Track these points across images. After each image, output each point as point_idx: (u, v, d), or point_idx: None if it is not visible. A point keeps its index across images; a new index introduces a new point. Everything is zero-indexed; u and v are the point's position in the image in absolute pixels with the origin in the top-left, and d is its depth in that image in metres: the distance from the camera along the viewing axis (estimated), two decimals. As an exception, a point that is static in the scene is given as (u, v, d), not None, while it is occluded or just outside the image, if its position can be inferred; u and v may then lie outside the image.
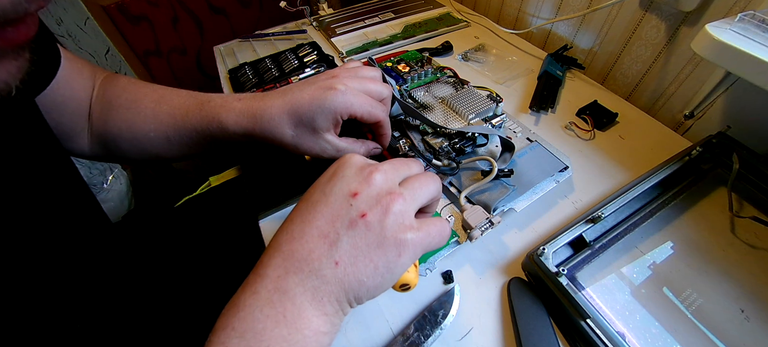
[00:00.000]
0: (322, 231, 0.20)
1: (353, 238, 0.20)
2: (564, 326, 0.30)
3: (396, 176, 0.23)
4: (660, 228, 0.35)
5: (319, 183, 0.23)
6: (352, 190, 0.21)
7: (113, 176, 0.83)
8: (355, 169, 0.23)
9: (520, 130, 0.44)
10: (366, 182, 0.22)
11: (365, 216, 0.20)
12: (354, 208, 0.21)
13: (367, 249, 0.20)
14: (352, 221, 0.20)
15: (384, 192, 0.22)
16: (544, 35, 0.65)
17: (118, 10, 0.81)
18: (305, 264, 0.20)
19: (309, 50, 0.60)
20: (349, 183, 0.22)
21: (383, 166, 0.23)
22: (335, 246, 0.20)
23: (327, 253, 0.20)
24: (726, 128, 0.41)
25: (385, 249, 0.21)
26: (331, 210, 0.21)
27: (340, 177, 0.22)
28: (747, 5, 0.38)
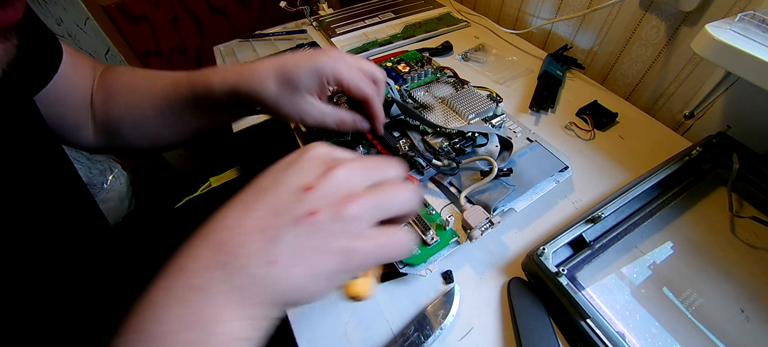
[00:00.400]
0: (262, 223, 0.18)
1: (296, 238, 0.17)
2: (564, 326, 0.30)
3: (364, 177, 0.20)
4: (660, 228, 0.35)
5: (274, 168, 0.20)
6: (306, 183, 0.19)
7: (113, 176, 0.83)
8: (318, 160, 0.20)
9: (520, 130, 0.44)
10: (325, 177, 0.19)
11: (314, 214, 0.18)
12: (304, 204, 0.18)
13: (310, 253, 0.18)
14: (298, 218, 0.18)
15: (343, 192, 0.19)
16: (544, 35, 0.65)
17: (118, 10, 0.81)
18: (233, 259, 0.17)
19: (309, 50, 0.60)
20: (306, 175, 0.19)
21: (353, 162, 0.20)
22: (274, 242, 0.17)
23: (262, 250, 0.17)
24: (726, 128, 0.41)
25: (329, 255, 0.18)
26: (278, 201, 0.18)
27: (297, 166, 0.20)
28: (747, 5, 0.38)
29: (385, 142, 0.39)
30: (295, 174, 0.19)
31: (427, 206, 0.36)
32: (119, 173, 0.85)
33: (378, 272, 0.34)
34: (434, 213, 0.35)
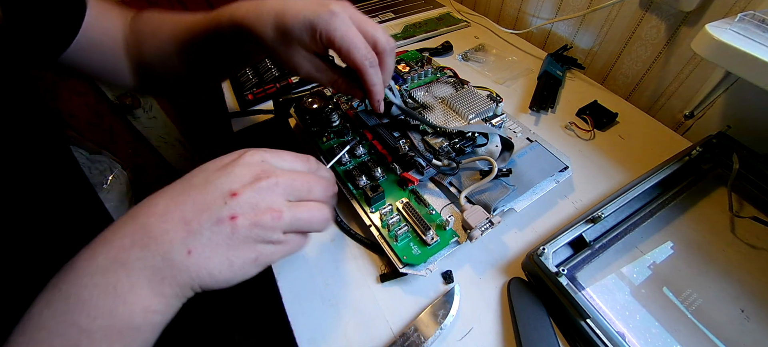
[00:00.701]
0: (185, 216, 0.20)
1: (215, 235, 0.20)
2: (564, 326, 0.30)
3: (289, 192, 0.22)
4: (660, 228, 0.35)
5: (209, 166, 0.22)
6: (233, 189, 0.21)
7: (113, 176, 0.83)
8: (248, 169, 0.22)
9: (520, 130, 0.44)
10: (251, 187, 0.21)
11: (235, 219, 0.20)
12: (227, 207, 0.20)
13: (226, 249, 0.20)
14: (220, 219, 0.20)
15: (265, 205, 0.21)
16: (544, 35, 0.65)
17: (118, 10, 0.82)
18: (154, 243, 0.19)
19: (309, 50, 0.60)
20: (234, 181, 0.21)
21: (281, 176, 0.22)
22: (194, 236, 0.19)
23: (182, 240, 0.19)
24: (726, 128, 0.41)
25: (242, 251, 0.20)
26: (204, 200, 0.20)
27: (229, 172, 0.21)
28: (747, 5, 0.38)
29: (385, 141, 0.39)
30: (224, 178, 0.21)
31: (427, 206, 0.36)
32: (119, 173, 0.85)
33: (378, 272, 0.34)
34: (434, 213, 0.35)
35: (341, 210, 0.38)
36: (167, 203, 0.20)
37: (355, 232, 0.36)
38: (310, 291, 0.33)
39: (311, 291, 0.33)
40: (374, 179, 0.38)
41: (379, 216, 0.35)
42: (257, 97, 0.52)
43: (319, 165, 0.27)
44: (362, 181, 0.37)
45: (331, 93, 0.47)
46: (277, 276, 0.34)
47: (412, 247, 0.33)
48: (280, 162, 0.24)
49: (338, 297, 0.32)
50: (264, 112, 0.51)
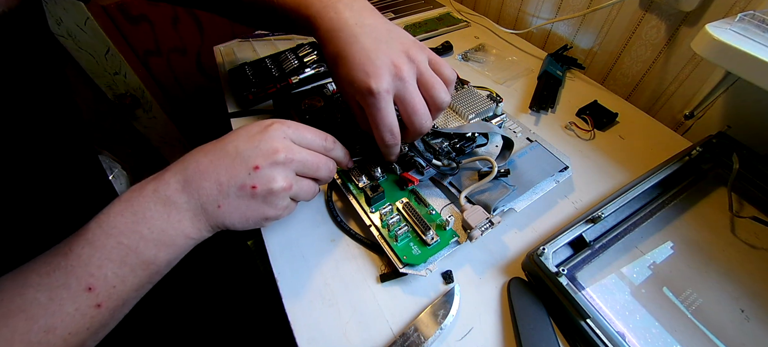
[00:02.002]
0: (219, 179, 0.26)
1: (238, 198, 0.26)
2: (564, 326, 0.30)
3: (299, 168, 0.28)
4: (660, 228, 0.35)
5: (238, 137, 0.27)
6: (255, 163, 0.26)
7: (113, 176, 0.83)
8: (272, 144, 0.27)
9: (520, 130, 0.44)
10: (269, 162, 0.26)
11: (255, 188, 0.26)
12: (250, 178, 0.26)
13: (245, 208, 0.27)
14: (243, 186, 0.26)
15: (280, 178, 0.27)
16: (544, 35, 0.65)
17: (118, 10, 0.81)
18: (196, 194, 0.25)
19: (309, 50, 0.60)
20: (257, 156, 0.26)
21: (298, 155, 0.28)
22: (223, 195, 0.26)
23: (215, 196, 0.26)
24: (726, 128, 0.41)
25: (257, 210, 0.27)
26: (233, 168, 0.26)
27: (255, 145, 0.27)
28: (747, 5, 0.38)
29: None
30: (251, 151, 0.26)
31: (427, 206, 0.36)
32: (119, 173, 0.85)
33: (378, 272, 0.34)
34: (434, 213, 0.35)
35: (341, 211, 0.38)
36: (208, 164, 0.26)
37: (355, 232, 0.36)
38: (310, 291, 0.33)
39: (311, 291, 0.33)
40: (374, 179, 0.38)
41: (379, 216, 0.35)
42: (257, 97, 0.52)
43: (335, 144, 0.32)
44: (362, 181, 0.37)
45: (331, 93, 0.47)
46: (277, 276, 0.34)
47: (412, 247, 0.33)
48: (300, 137, 0.29)
49: (338, 297, 0.32)
50: (264, 112, 0.51)
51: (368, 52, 0.29)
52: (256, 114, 0.51)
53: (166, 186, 0.25)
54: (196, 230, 0.26)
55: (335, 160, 0.32)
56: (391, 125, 0.31)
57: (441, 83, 0.32)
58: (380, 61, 0.29)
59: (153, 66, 0.92)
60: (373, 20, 0.31)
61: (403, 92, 0.30)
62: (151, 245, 0.24)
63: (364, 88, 0.29)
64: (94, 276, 0.23)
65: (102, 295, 0.23)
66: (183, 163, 0.27)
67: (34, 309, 0.21)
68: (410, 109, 0.31)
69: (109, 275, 0.23)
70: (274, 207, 0.27)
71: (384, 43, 0.30)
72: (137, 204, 0.25)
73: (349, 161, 0.34)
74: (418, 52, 0.31)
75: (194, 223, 0.26)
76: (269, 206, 0.27)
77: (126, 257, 0.24)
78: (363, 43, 0.30)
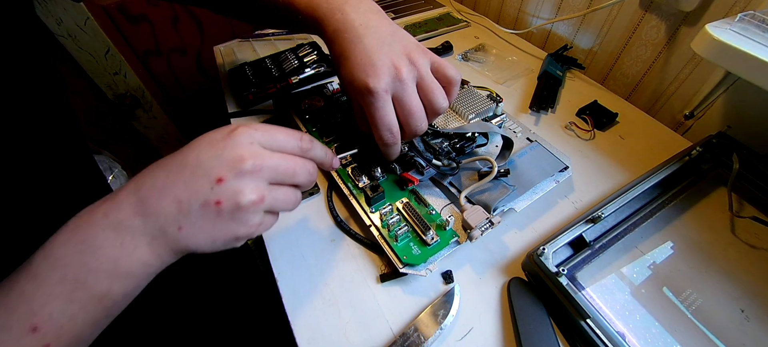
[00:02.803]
0: (178, 197, 0.22)
1: (202, 216, 0.23)
2: (564, 326, 0.30)
3: (272, 176, 0.24)
4: (660, 228, 0.35)
5: (202, 142, 0.24)
6: (219, 175, 0.23)
7: (113, 176, 0.83)
8: (237, 151, 0.23)
9: (520, 130, 0.44)
10: (235, 173, 0.23)
11: (219, 204, 0.22)
12: (213, 193, 0.22)
13: (211, 228, 0.23)
14: (206, 202, 0.22)
15: (248, 190, 0.23)
16: (544, 35, 0.65)
17: (118, 10, 0.81)
18: (153, 216, 0.22)
19: (309, 50, 0.60)
20: (220, 166, 0.23)
21: (268, 160, 0.24)
22: (183, 215, 0.22)
23: (175, 216, 0.22)
24: (726, 128, 0.41)
25: (225, 230, 0.23)
26: (194, 183, 0.23)
27: (218, 153, 0.23)
28: (747, 5, 0.38)
29: None
30: (213, 161, 0.23)
31: (427, 206, 0.36)
32: (119, 173, 0.85)
33: (378, 272, 0.34)
34: (434, 213, 0.35)
35: (341, 211, 0.38)
36: (164, 180, 0.23)
37: (355, 232, 0.36)
38: (310, 291, 0.33)
39: (311, 291, 0.33)
40: (374, 179, 0.38)
41: (379, 216, 0.35)
42: (257, 97, 0.52)
43: (312, 143, 0.28)
44: (362, 181, 0.37)
45: (331, 93, 0.47)
46: (277, 276, 0.34)
47: (412, 247, 0.33)
48: (270, 141, 0.25)
49: (338, 297, 0.32)
50: (264, 112, 0.51)
51: (370, 53, 0.30)
52: (257, 114, 0.51)
53: (118, 209, 0.22)
54: (155, 257, 0.23)
55: (314, 160, 0.28)
56: (389, 124, 0.31)
57: (440, 89, 0.32)
58: (381, 61, 0.29)
59: (153, 66, 0.92)
60: (378, 22, 0.32)
61: (402, 93, 0.30)
62: (103, 277, 0.21)
63: (363, 87, 0.29)
64: (37, 316, 0.20)
65: (49, 335, 0.20)
66: (137, 180, 0.23)
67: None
68: (407, 111, 0.31)
69: (55, 313, 0.20)
70: (245, 224, 0.24)
71: (386, 45, 0.30)
72: (84, 232, 0.21)
73: (332, 160, 0.31)
74: (420, 56, 0.32)
75: (153, 249, 0.22)
76: (239, 223, 0.23)
77: (73, 293, 0.21)
78: (366, 44, 0.30)
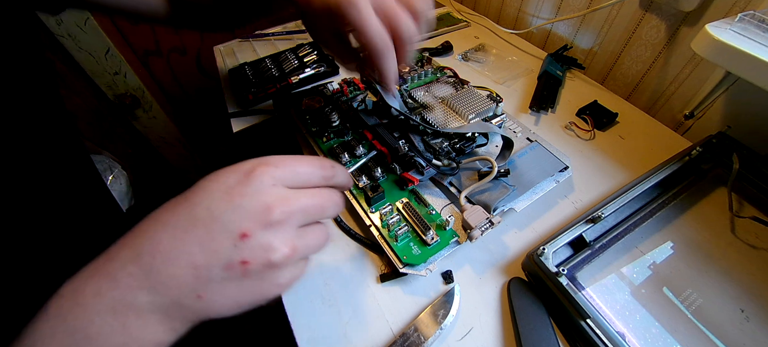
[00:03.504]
0: (194, 262, 0.18)
1: (225, 281, 0.18)
2: (564, 326, 0.30)
3: (302, 220, 0.21)
4: (660, 228, 0.35)
5: (213, 190, 0.20)
6: (242, 230, 0.18)
7: (113, 176, 0.83)
8: (260, 199, 0.19)
9: (520, 130, 0.44)
10: (263, 225, 0.19)
11: (246, 264, 0.18)
12: (237, 251, 0.18)
13: (236, 292, 0.19)
14: (230, 264, 0.18)
15: (278, 243, 0.19)
16: (544, 35, 0.65)
17: (118, 10, 0.82)
18: (163, 288, 0.18)
19: (309, 50, 0.60)
20: (243, 217, 0.19)
21: (296, 204, 0.20)
22: (203, 282, 0.18)
23: (192, 286, 0.18)
24: (726, 128, 0.41)
25: (254, 292, 0.19)
26: (211, 241, 0.18)
27: (237, 204, 0.19)
28: (747, 5, 0.38)
29: (384, 141, 0.39)
30: (233, 213, 0.19)
31: (427, 206, 0.36)
32: (119, 173, 0.85)
33: (378, 272, 0.34)
34: (434, 213, 0.35)
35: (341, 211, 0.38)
36: (172, 241, 0.18)
37: (355, 232, 0.36)
38: (310, 291, 0.33)
39: (311, 291, 0.33)
40: (374, 179, 0.38)
41: (379, 216, 0.35)
42: (257, 97, 0.52)
43: (334, 168, 0.24)
44: (362, 181, 0.37)
45: (331, 93, 0.47)
46: (277, 276, 0.34)
47: (412, 247, 0.33)
48: (294, 177, 0.21)
49: (338, 297, 0.32)
50: (264, 112, 0.51)
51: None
52: (256, 114, 0.51)
53: (113, 284, 0.17)
54: (170, 332, 0.19)
55: (338, 187, 0.24)
56: (379, 28, 0.27)
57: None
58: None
59: (153, 66, 0.92)
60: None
61: (381, 3, 0.27)
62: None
63: None
64: None
65: None
66: (133, 243, 0.19)
67: None
68: (392, 14, 0.27)
69: None
70: (276, 282, 0.20)
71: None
72: (75, 319, 0.17)
73: (349, 180, 0.27)
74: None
75: (166, 326, 0.18)
76: (270, 283, 0.20)
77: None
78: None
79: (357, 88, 0.47)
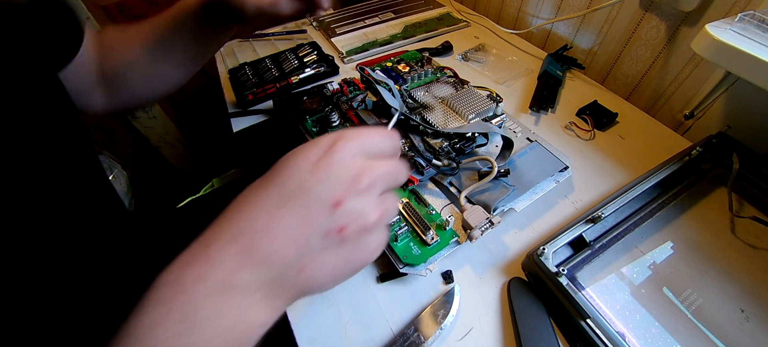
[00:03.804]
0: (293, 235, 0.19)
1: (324, 249, 0.19)
2: (564, 326, 0.30)
3: (383, 186, 0.21)
4: (660, 228, 0.35)
5: (301, 165, 0.20)
6: (336, 198, 0.19)
7: (113, 176, 0.83)
8: (346, 169, 0.20)
9: (520, 130, 0.44)
10: (353, 192, 0.19)
11: (343, 230, 0.19)
12: (334, 220, 0.19)
13: (335, 259, 0.20)
14: (327, 232, 0.19)
15: (369, 208, 0.20)
16: (544, 35, 0.65)
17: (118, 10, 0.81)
18: (266, 265, 0.18)
19: (309, 50, 0.60)
20: (335, 187, 0.19)
21: (379, 170, 0.21)
22: (304, 253, 0.19)
23: (294, 258, 0.19)
24: (726, 128, 0.41)
25: (351, 260, 0.20)
26: (308, 215, 0.19)
27: (325, 176, 0.19)
28: (747, 5, 0.38)
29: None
30: (323, 184, 0.19)
31: (427, 206, 0.36)
32: (119, 173, 0.85)
33: (377, 272, 0.34)
34: (434, 213, 0.35)
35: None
36: (268, 218, 0.19)
37: (355, 232, 0.36)
38: (310, 291, 0.33)
39: (311, 291, 0.33)
40: (374, 179, 0.38)
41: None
42: (257, 97, 0.52)
43: (395, 135, 0.24)
44: (362, 181, 0.37)
45: (331, 93, 0.47)
46: (277, 276, 0.34)
47: (412, 247, 0.33)
48: (370, 148, 0.22)
49: (338, 297, 0.32)
50: (264, 112, 0.51)
51: None
52: (256, 114, 0.51)
53: (216, 267, 0.18)
54: (272, 312, 0.19)
55: None
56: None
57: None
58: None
59: (153, 66, 0.92)
60: None
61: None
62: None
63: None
64: None
65: None
66: (228, 226, 0.19)
67: None
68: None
69: None
70: (368, 248, 0.21)
71: None
72: (181, 306, 0.17)
73: None
74: None
75: (269, 304, 0.19)
76: (363, 250, 0.20)
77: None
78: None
79: (357, 88, 0.47)
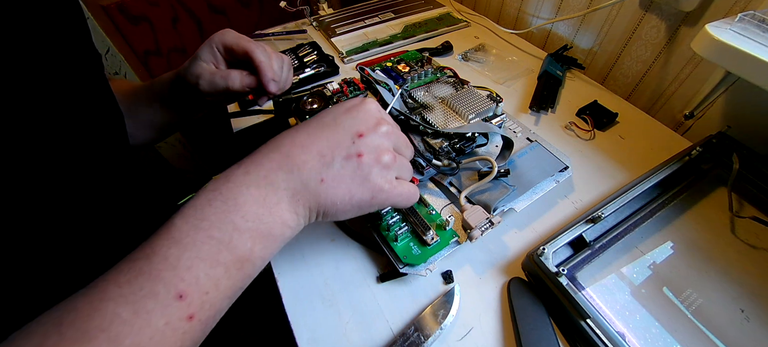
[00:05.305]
0: (321, 150, 0.24)
1: (344, 168, 0.24)
2: (564, 326, 0.30)
3: (396, 141, 0.27)
4: (660, 228, 0.35)
5: (334, 110, 0.27)
6: (359, 130, 0.25)
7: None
8: (370, 115, 0.26)
9: (520, 130, 0.44)
10: (374, 130, 0.25)
11: (361, 156, 0.24)
12: (355, 146, 0.24)
13: (350, 181, 0.24)
14: (349, 155, 0.24)
15: (384, 145, 0.26)
16: (544, 35, 0.65)
17: (118, 10, 0.81)
18: (296, 169, 0.23)
19: (309, 50, 0.60)
20: (360, 124, 0.25)
21: (393, 127, 0.27)
22: (327, 166, 0.24)
23: (318, 169, 0.24)
24: (726, 128, 0.41)
25: (363, 187, 0.25)
26: (336, 137, 0.25)
27: (354, 115, 0.26)
28: (747, 5, 0.38)
29: None
30: (351, 120, 0.26)
31: (427, 206, 0.36)
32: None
33: (377, 272, 0.34)
34: (434, 213, 0.35)
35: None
36: (306, 138, 0.25)
37: (355, 232, 0.36)
38: (310, 291, 0.33)
39: (311, 291, 0.33)
40: (374, 179, 0.38)
41: (380, 216, 0.35)
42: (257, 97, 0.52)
43: None
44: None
45: (331, 93, 0.47)
46: (277, 276, 0.34)
47: (412, 247, 0.33)
48: (386, 114, 0.28)
49: (338, 297, 0.32)
50: (264, 112, 0.51)
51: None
52: (256, 114, 0.51)
53: (260, 166, 0.23)
54: (293, 215, 0.23)
55: None
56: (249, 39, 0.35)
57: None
58: None
59: (153, 66, 0.92)
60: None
61: None
62: (247, 237, 0.21)
63: (217, 34, 0.35)
64: (185, 281, 0.19)
65: (194, 304, 0.19)
66: (276, 141, 0.25)
67: (116, 328, 0.17)
68: None
69: (202, 277, 0.20)
70: (384, 179, 0.25)
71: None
72: (227, 190, 0.22)
73: None
74: None
75: (292, 206, 0.23)
76: (378, 178, 0.25)
77: (219, 254, 0.20)
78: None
79: (357, 88, 0.47)
